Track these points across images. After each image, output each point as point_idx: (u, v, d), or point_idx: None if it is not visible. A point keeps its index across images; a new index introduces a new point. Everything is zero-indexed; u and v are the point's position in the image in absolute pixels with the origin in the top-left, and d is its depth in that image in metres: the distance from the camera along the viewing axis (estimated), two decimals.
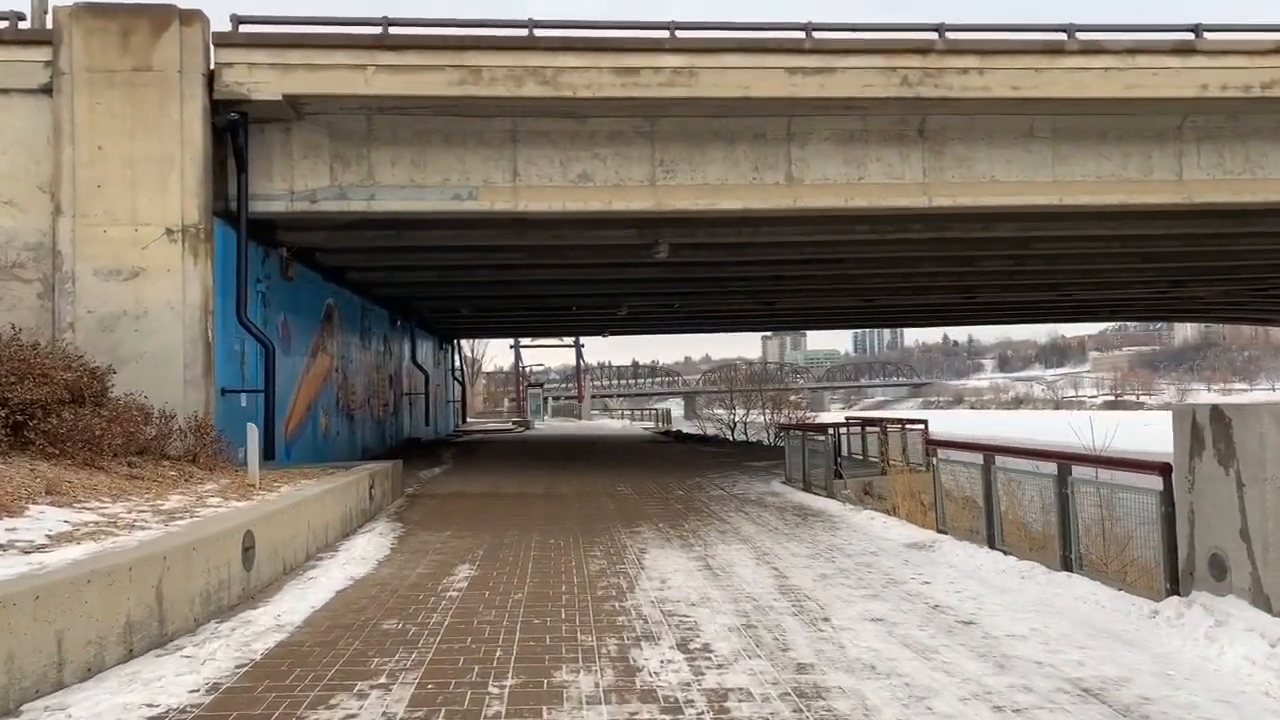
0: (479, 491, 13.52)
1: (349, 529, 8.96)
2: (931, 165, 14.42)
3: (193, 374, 12.21)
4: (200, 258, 12.37)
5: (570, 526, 9.75)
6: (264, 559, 6.42)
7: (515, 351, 59.18)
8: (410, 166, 13.57)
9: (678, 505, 11.76)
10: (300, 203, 13.41)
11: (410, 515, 10.58)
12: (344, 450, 20.28)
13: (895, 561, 7.64)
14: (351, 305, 21.61)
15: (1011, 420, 76.36)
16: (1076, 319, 41.01)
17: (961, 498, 9.69)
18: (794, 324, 37.73)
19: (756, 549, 8.41)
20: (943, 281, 24.87)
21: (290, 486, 8.55)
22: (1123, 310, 36.28)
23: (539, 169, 13.73)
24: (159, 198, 12.27)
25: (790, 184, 14.17)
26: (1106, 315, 39.88)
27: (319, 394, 18.21)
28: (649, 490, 13.71)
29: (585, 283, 23.25)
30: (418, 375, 30.24)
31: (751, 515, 10.67)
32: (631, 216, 14.71)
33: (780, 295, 26.54)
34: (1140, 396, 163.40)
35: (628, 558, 7.91)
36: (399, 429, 27.41)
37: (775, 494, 13.05)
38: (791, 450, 14.42)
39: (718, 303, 27.60)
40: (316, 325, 18.33)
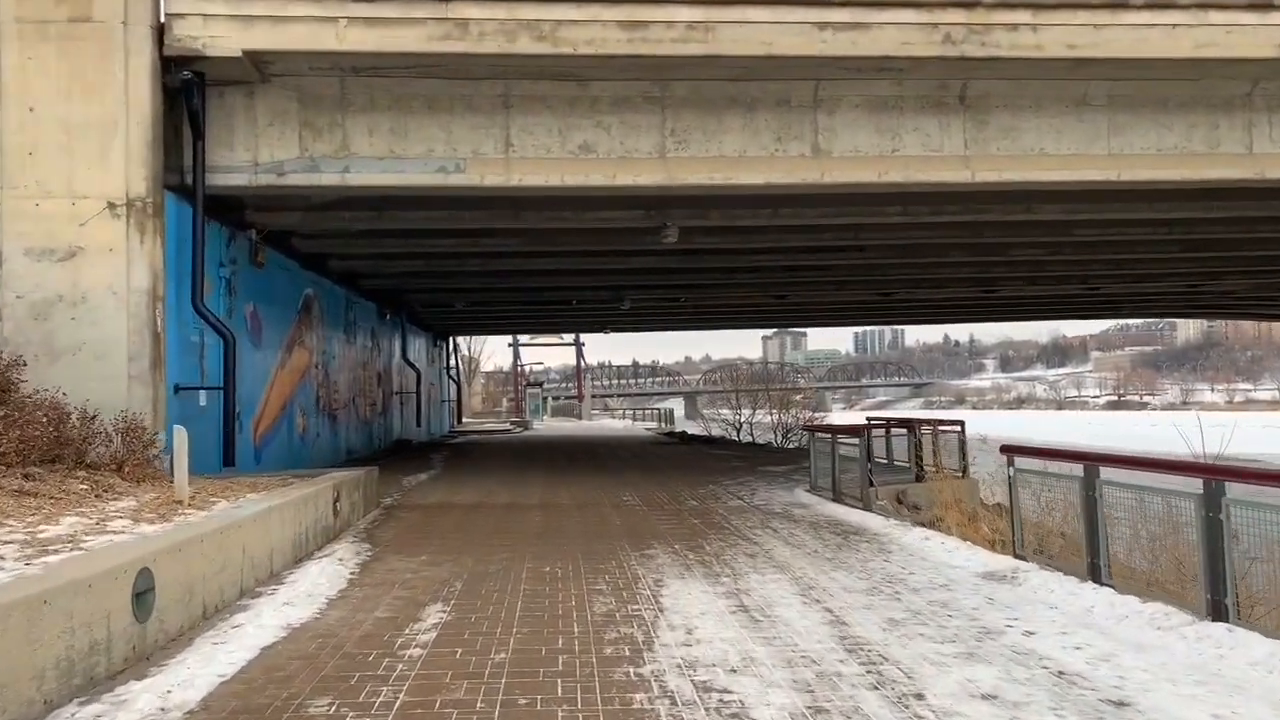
0: (467, 502, 11.97)
1: (304, 553, 7.44)
2: (974, 136, 12.88)
3: (139, 368, 10.68)
4: (148, 236, 10.83)
5: (570, 547, 8.23)
6: (170, 604, 4.91)
7: (513, 350, 57.66)
8: (389, 135, 12.03)
9: (693, 519, 10.23)
10: (265, 175, 11.86)
11: (382, 533, 9.07)
12: (325, 454, 18.74)
13: (976, 599, 6.13)
14: (334, 297, 20.07)
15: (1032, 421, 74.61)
16: (1097, 315, 39.45)
17: (1036, 516, 8.17)
18: (803, 319, 36.21)
19: (798, 580, 6.88)
20: (966, 273, 23.35)
21: (229, 502, 7.04)
22: (1149, 306, 34.73)
23: (535, 139, 12.19)
24: (100, 167, 10.74)
25: (817, 156, 12.63)
26: (1130, 311, 38.33)
27: (295, 392, 16.67)
28: (658, 500, 12.17)
29: (586, 273, 21.71)
30: (409, 373, 28.69)
31: (781, 533, 9.14)
32: (638, 193, 13.18)
33: (793, 287, 25.03)
34: (1144, 397, 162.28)
35: (641, 593, 6.40)
36: (388, 430, 25.86)
37: (802, 505, 11.52)
38: (818, 455, 12.90)
39: (726, 296, 26.07)
40: (293, 317, 16.79)
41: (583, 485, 14.17)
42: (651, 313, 29.95)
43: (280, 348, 15.97)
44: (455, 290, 24.75)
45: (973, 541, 9.59)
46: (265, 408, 14.99)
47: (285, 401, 16.09)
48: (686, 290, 24.88)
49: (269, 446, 15.07)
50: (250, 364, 14.25)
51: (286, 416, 16.10)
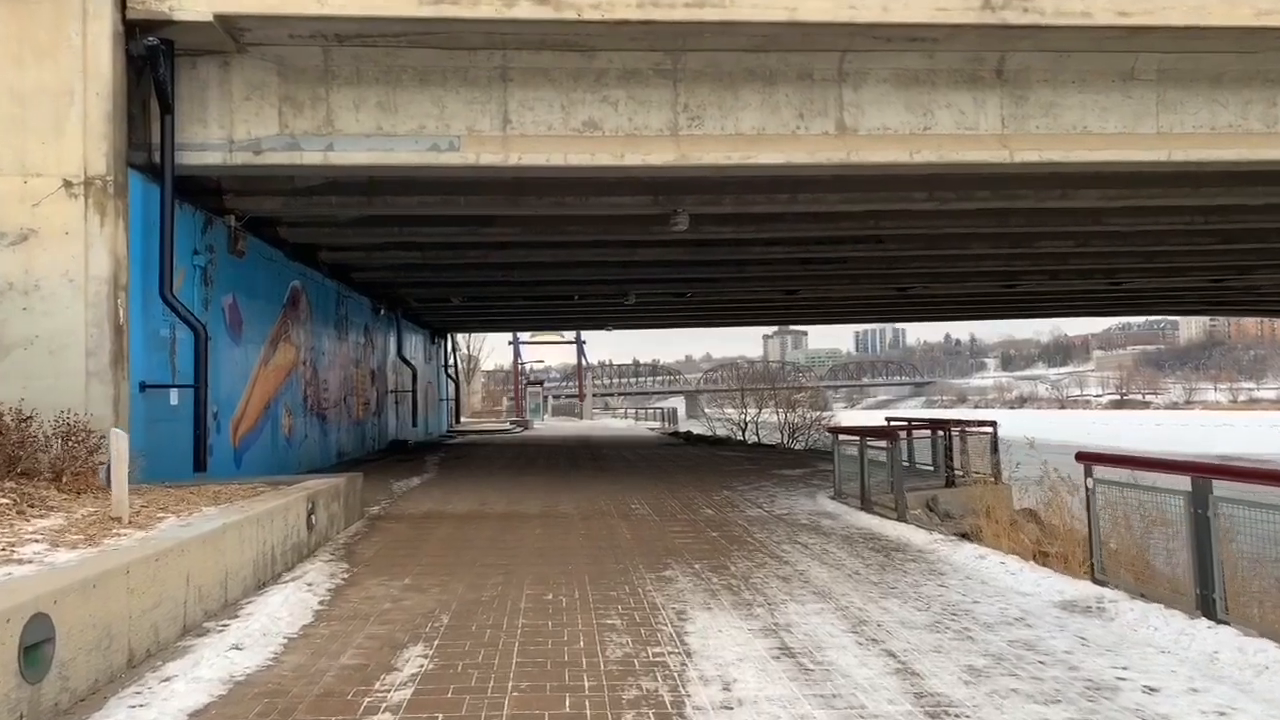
0: (460, 511, 10.94)
1: (269, 576, 6.41)
2: (1012, 113, 11.87)
3: (98, 364, 9.67)
4: (109, 218, 9.81)
5: (575, 568, 7.20)
6: (79, 654, 3.89)
7: (514, 348, 56.61)
8: (377, 110, 11.03)
9: (711, 532, 9.21)
10: (241, 153, 10.86)
11: (362, 550, 8.01)
12: (314, 456, 17.73)
13: (1065, 639, 5.09)
14: (324, 290, 19.05)
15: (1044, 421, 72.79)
16: (1115, 312, 38.35)
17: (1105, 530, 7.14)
18: (812, 316, 35.09)
19: (844, 611, 5.86)
20: (987, 267, 22.33)
21: (179, 519, 6.03)
22: (1171, 303, 33.65)
23: (536, 114, 11.18)
24: (55, 142, 9.73)
25: (842, 134, 11.62)
26: (1149, 308, 37.28)
27: (280, 390, 15.66)
28: (670, 509, 11.14)
29: (590, 265, 20.69)
30: (405, 371, 27.67)
31: (813, 550, 8.11)
32: (648, 174, 12.18)
33: (805, 281, 24.01)
34: (1146, 395, 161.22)
35: (661, 629, 5.36)
36: (382, 430, 24.84)
37: (829, 515, 10.50)
38: (844, 459, 11.88)
39: (735, 290, 25.06)
40: (277, 311, 15.78)
41: (587, 491, 13.15)
42: (656, 308, 28.91)
43: (263, 343, 14.96)
44: (452, 285, 23.73)
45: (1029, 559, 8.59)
46: (246, 407, 13.98)
47: (269, 401, 15.08)
48: (693, 284, 23.86)
49: (250, 449, 14.06)
50: (229, 360, 13.26)
51: (270, 417, 15.09)
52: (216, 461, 12.45)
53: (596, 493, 12.89)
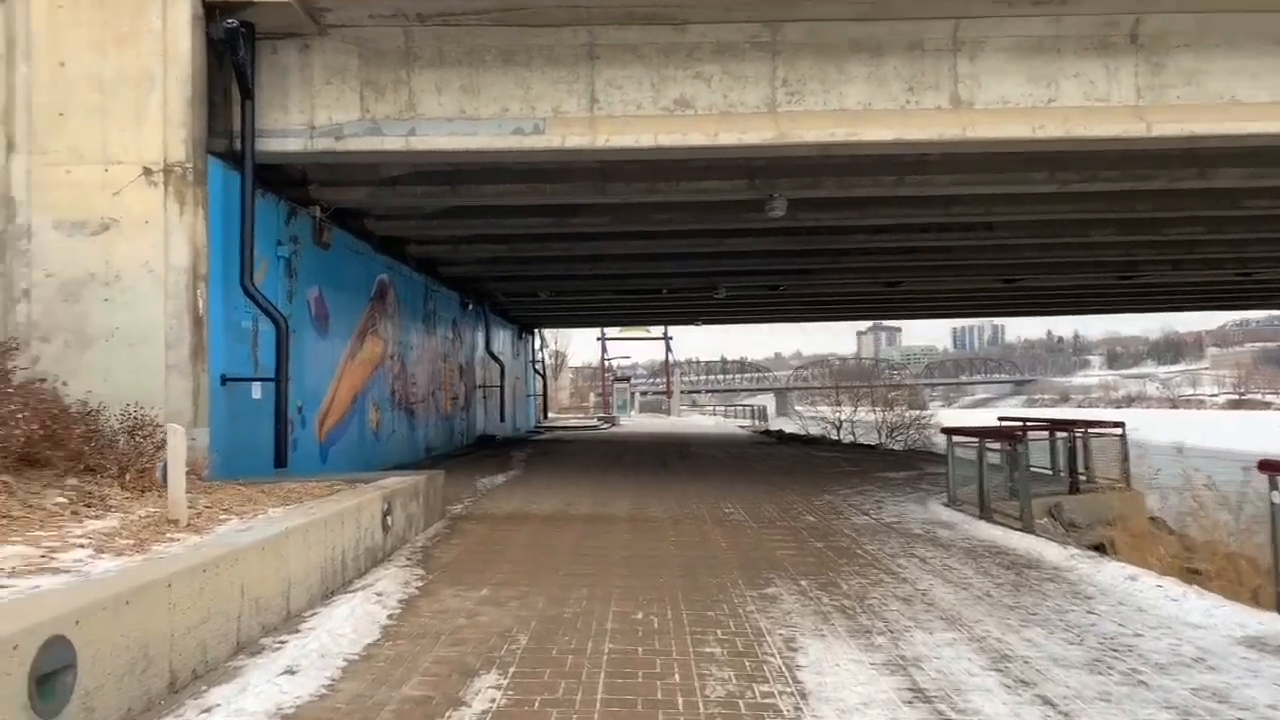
0: (545, 512, 10.38)
1: (338, 584, 5.93)
2: (1148, 83, 10.72)
3: (177, 356, 9.43)
4: (189, 206, 9.56)
5: (666, 580, 6.54)
6: (109, 681, 3.42)
7: (600, 344, 56.35)
8: (460, 93, 10.55)
9: (815, 542, 8.42)
10: (323, 140, 10.51)
11: (440, 554, 7.50)
12: (402, 451, 17.50)
13: (1264, 689, 4.16)
14: (413, 284, 18.83)
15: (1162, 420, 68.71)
16: (1245, 305, 35.78)
17: None
18: (912, 310, 33.57)
19: (980, 642, 5.04)
20: (1105, 256, 20.84)
21: (241, 521, 5.59)
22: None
23: (624, 93, 10.55)
24: (135, 128, 9.51)
25: (957, 108, 10.68)
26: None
27: (367, 384, 15.42)
28: (768, 514, 10.37)
29: (679, 257, 19.99)
30: (493, 366, 27.46)
31: (933, 565, 7.26)
32: (743, 155, 11.45)
33: (908, 273, 22.84)
34: (1266, 395, 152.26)
35: (768, 661, 4.65)
36: (470, 425, 24.64)
37: (944, 524, 9.58)
38: (958, 463, 10.93)
39: (831, 283, 24.03)
40: (365, 303, 15.54)
41: (677, 493, 12.47)
42: (746, 302, 28.05)
43: (350, 336, 14.73)
44: (539, 278, 23.34)
45: (1151, 568, 7.59)
46: (333, 401, 13.74)
47: (356, 395, 14.85)
48: (787, 276, 22.95)
49: (337, 444, 13.82)
50: (314, 353, 13.02)
51: (357, 411, 14.86)
52: (301, 457, 12.21)
53: (687, 494, 12.20)
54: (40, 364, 9.15)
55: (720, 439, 28.57)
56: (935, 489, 12.95)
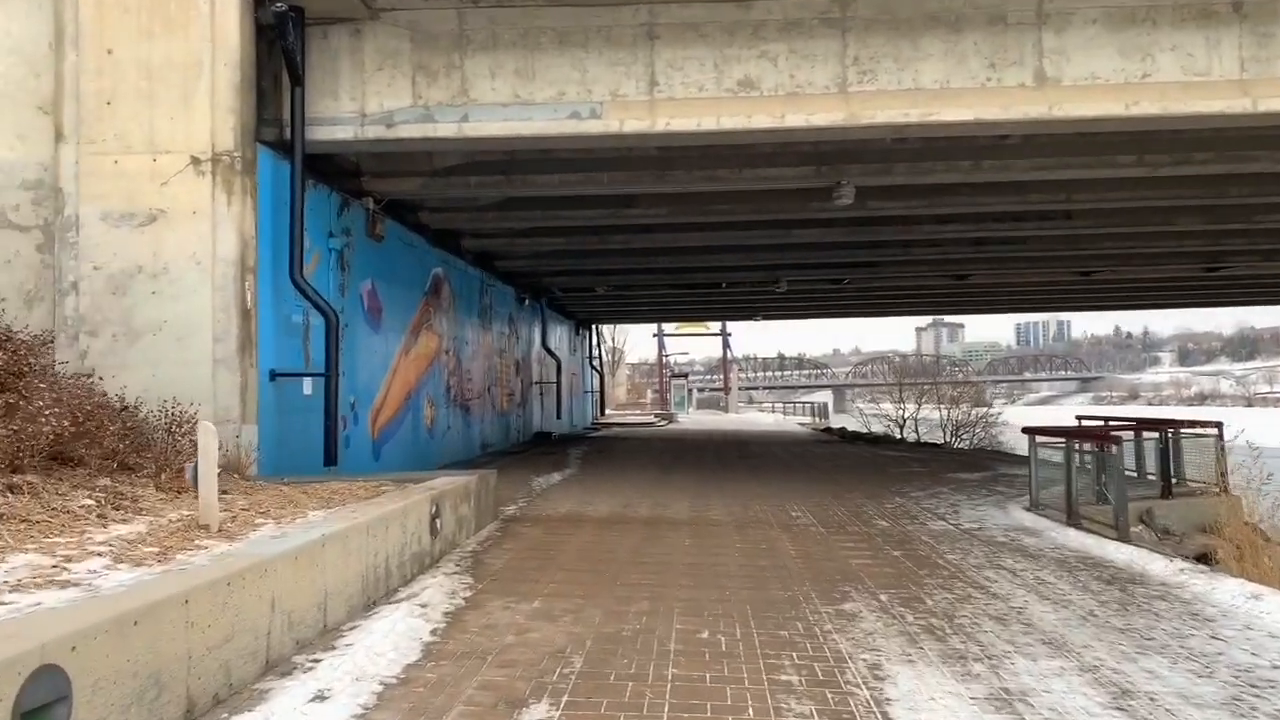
0: (602, 514, 9.91)
1: (381, 593, 5.52)
2: (1254, 55, 9.90)
3: (224, 350, 9.17)
4: (236, 196, 9.30)
5: (733, 593, 6.01)
6: (110, 714, 3.03)
7: (658, 340, 55.91)
8: (514, 78, 10.14)
9: (891, 550, 7.82)
10: (374, 128, 10.19)
11: (491, 560, 7.06)
12: (456, 448, 17.23)
13: None
14: (468, 279, 18.55)
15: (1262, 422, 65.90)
16: None
17: None
18: (977, 305, 32.35)
19: (1093, 672, 4.43)
20: (1191, 246, 19.71)
21: (277, 525, 5.22)
22: None
23: (685, 75, 10.05)
24: (183, 116, 9.27)
25: (1041, 85, 9.97)
26: None
27: (422, 380, 15.15)
28: (837, 518, 9.78)
29: (740, 250, 19.42)
30: (549, 362, 27.15)
31: (1025, 579, 6.62)
32: (811, 138, 10.86)
33: (978, 265, 21.95)
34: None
35: (855, 694, 4.02)
36: (527, 422, 24.35)
37: (1029, 531, 8.90)
38: (1042, 465, 10.21)
39: (897, 276, 23.20)
40: (419, 298, 15.27)
41: (739, 494, 11.92)
42: (808, 296, 27.31)
43: (404, 331, 14.46)
44: (596, 273, 22.93)
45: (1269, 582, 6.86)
46: (386, 398, 13.47)
47: (410, 391, 14.57)
48: (852, 269, 22.20)
49: (390, 441, 13.55)
50: (367, 348, 12.75)
51: (411, 407, 14.58)
52: (353, 454, 11.95)
53: (750, 496, 11.65)
54: (88, 359, 8.97)
55: (780, 437, 27.90)
56: (1013, 491, 12.22)
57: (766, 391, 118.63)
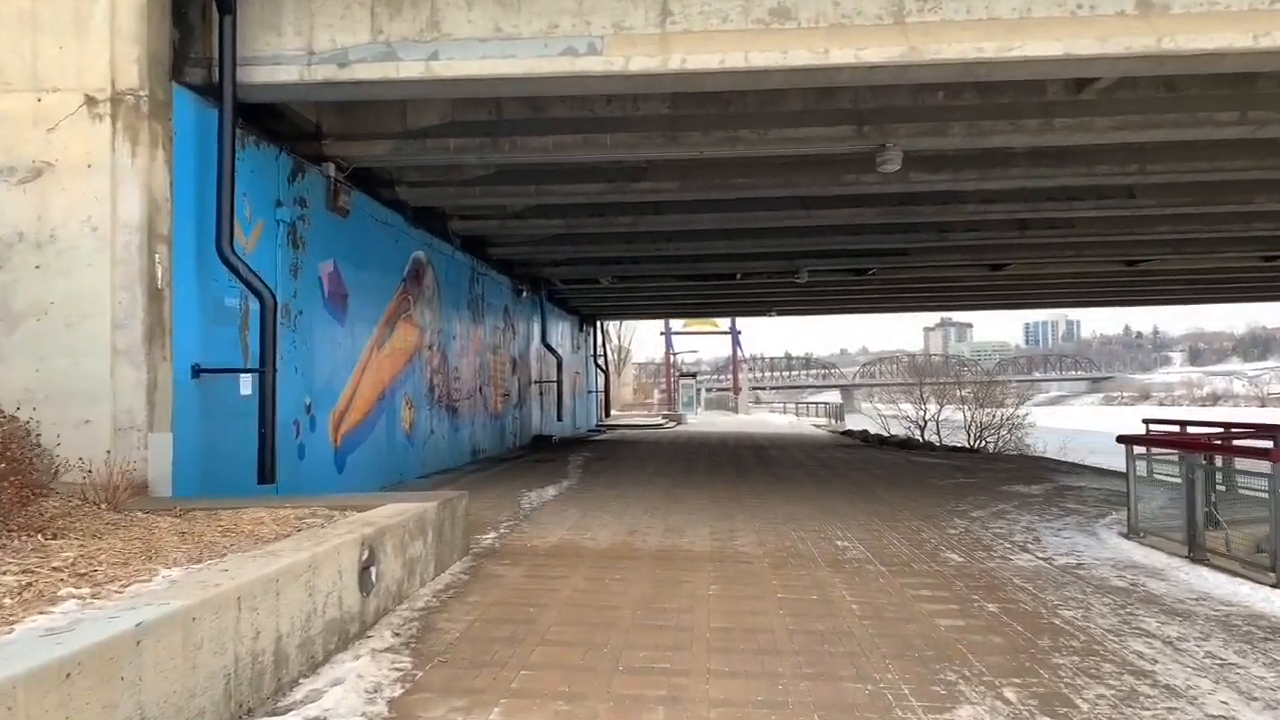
0: (602, 545, 7.99)
1: (265, 693, 3.61)
2: None
3: (127, 339, 7.32)
4: (144, 146, 7.44)
5: (789, 689, 4.01)
6: None
7: (665, 338, 54.02)
8: (495, 7, 8.28)
9: (982, 600, 5.92)
10: (324, 67, 8.32)
11: (449, 622, 5.12)
12: (442, 454, 15.35)
13: None
14: (456, 265, 16.66)
15: None
16: None
17: None
18: (1011, 298, 29.84)
19: None
20: (1261, 229, 17.70)
21: (81, 605, 3.26)
22: None
23: (705, 3, 8.16)
24: (74, 45, 7.41)
25: (1146, 13, 8.07)
26: None
27: (398, 378, 13.27)
28: (895, 550, 7.86)
29: (758, 234, 17.52)
30: (549, 360, 25.25)
31: (1192, 654, 4.70)
32: (858, 81, 8.96)
33: (1018, 253, 20.02)
34: None
35: None
36: (524, 425, 22.45)
37: (1145, 569, 6.98)
38: (1142, 482, 8.29)
39: (929, 265, 21.24)
40: (395, 284, 13.38)
41: (767, 514, 10.01)
42: (829, 289, 25.35)
43: (377, 322, 12.58)
44: (599, 261, 21.01)
45: None
46: (352, 398, 11.59)
47: (384, 390, 12.69)
48: (880, 258, 20.26)
49: (358, 449, 11.67)
50: (328, 340, 10.88)
51: (385, 409, 12.70)
52: (310, 466, 10.08)
53: (781, 517, 9.74)
54: None
55: (798, 441, 25.95)
56: (1088, 510, 10.30)
57: (774, 392, 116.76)
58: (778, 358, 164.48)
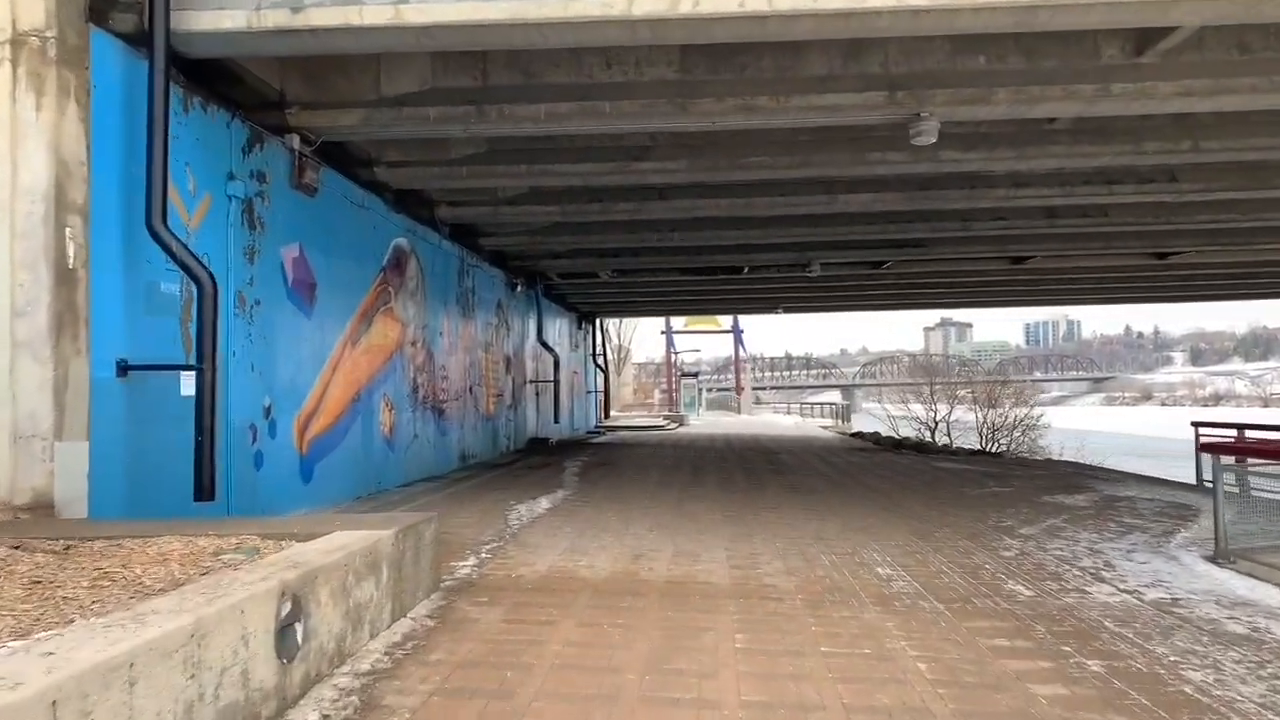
0: (600, 574, 6.73)
1: None
2: None
3: (29, 329, 6.11)
4: (51, 99, 6.24)
5: None
6: None
7: (666, 336, 52.82)
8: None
9: (1079, 655, 4.70)
10: (275, 13, 7.11)
11: (395, 695, 3.79)
12: (427, 460, 14.14)
13: None
14: (444, 256, 15.45)
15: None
16: None
17: None
18: (1033, 295, 28.19)
19: None
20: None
21: None
22: None
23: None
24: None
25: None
26: None
27: (376, 377, 12.05)
28: (949, 580, 6.65)
29: (770, 223, 16.33)
30: (546, 359, 24.02)
31: None
32: (898, 29, 7.71)
33: (1044, 244, 18.79)
34: None
35: None
36: (519, 427, 21.23)
37: (1256, 606, 5.78)
38: (1232, 499, 7.09)
39: (948, 257, 20.01)
40: (373, 273, 12.17)
41: (791, 533, 8.79)
42: (840, 284, 24.10)
43: (352, 315, 11.37)
44: (599, 253, 19.82)
45: None
46: (323, 399, 10.39)
47: (359, 390, 11.49)
48: (898, 249, 19.05)
49: (328, 456, 10.46)
50: (291, 333, 9.66)
51: (360, 412, 11.49)
52: (268, 478, 8.87)
53: (807, 537, 8.52)
54: None
55: (807, 443, 24.74)
56: (1146, 524, 9.12)
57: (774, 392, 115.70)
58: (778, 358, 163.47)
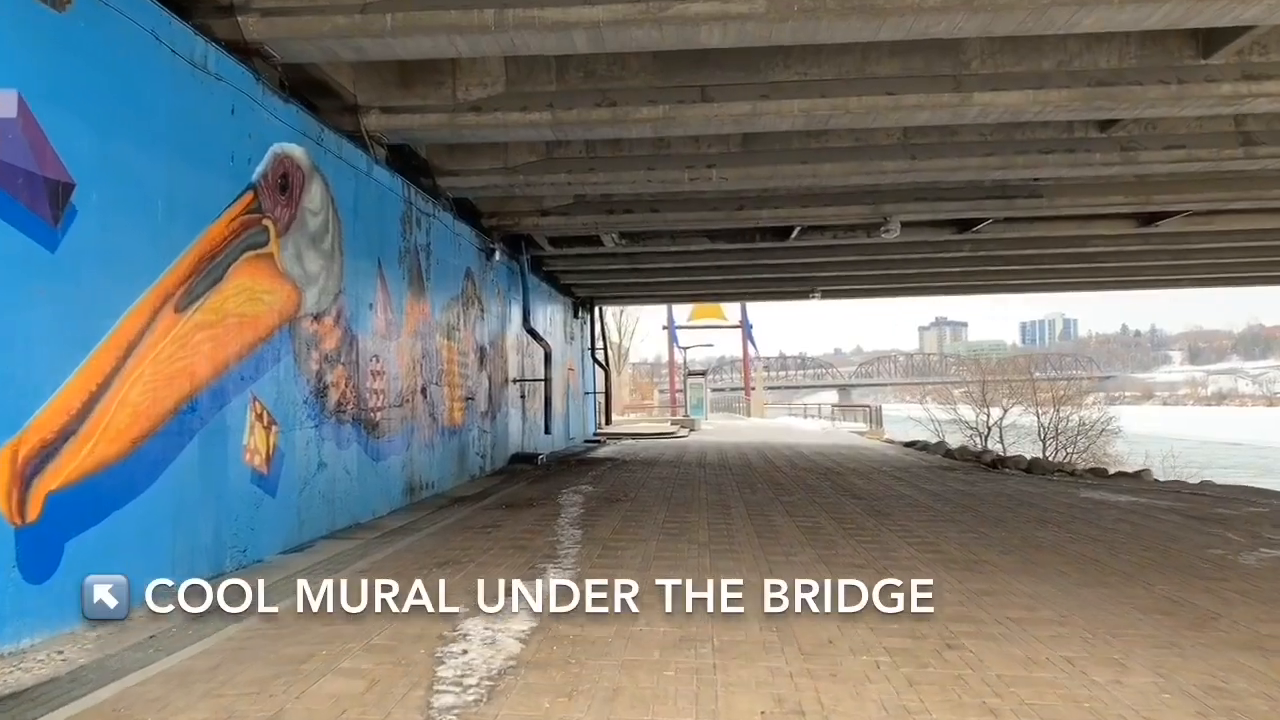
0: None
1: None
2: None
3: None
4: None
5: None
6: None
7: (669, 331, 47.86)
8: None
9: None
10: None
11: None
12: (346, 500, 9.20)
13: None
14: (377, 191, 10.47)
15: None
16: None
17: None
18: (1155, 275, 22.70)
19: None
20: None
21: None
22: None
23: None
24: None
25: None
26: None
27: (231, 370, 7.07)
28: None
29: (841, 155, 11.44)
30: (535, 352, 18.96)
31: None
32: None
33: (1198, 190, 14.04)
34: None
35: None
36: (496, 440, 16.17)
37: None
38: None
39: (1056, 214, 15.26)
40: (230, 192, 7.19)
41: (1019, 688, 3.94)
42: (908, 258, 19.15)
43: (176, 256, 6.40)
44: (605, 206, 14.84)
45: None
46: (87, 412, 5.42)
47: (193, 392, 6.53)
48: (1006, 200, 14.21)
49: (106, 517, 5.48)
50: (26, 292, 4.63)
51: (196, 430, 6.54)
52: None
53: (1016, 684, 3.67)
54: None
55: (862, 458, 19.77)
56: None
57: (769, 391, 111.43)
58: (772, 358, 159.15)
